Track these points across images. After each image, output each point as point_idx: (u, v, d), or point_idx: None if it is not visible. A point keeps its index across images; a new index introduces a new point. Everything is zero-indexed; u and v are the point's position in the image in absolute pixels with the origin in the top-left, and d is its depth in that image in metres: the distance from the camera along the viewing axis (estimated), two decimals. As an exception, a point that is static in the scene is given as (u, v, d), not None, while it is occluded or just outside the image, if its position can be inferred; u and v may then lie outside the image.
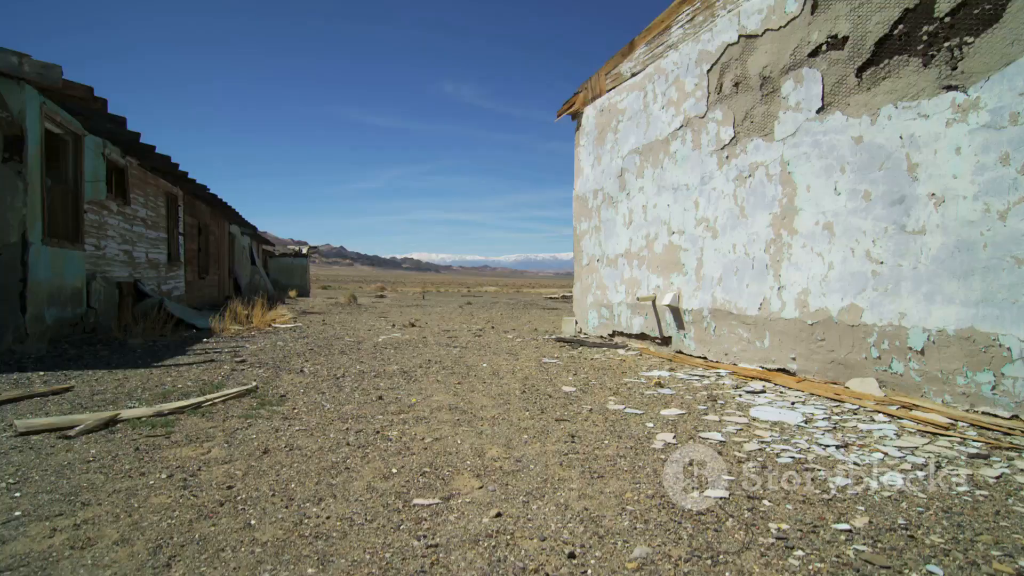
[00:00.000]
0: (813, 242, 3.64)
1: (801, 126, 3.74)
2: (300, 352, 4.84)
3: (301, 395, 3.24)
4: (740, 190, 4.25)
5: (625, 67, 5.81)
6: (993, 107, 2.71)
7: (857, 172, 3.36)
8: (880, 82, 3.24)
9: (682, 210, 4.90)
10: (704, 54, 4.64)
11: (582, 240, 6.70)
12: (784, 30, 3.88)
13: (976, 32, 2.79)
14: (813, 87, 3.65)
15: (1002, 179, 2.67)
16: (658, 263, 5.21)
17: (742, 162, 4.23)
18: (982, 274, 2.74)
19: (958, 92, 2.86)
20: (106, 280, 6.62)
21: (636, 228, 5.58)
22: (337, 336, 6.31)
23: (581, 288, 6.71)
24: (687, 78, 4.84)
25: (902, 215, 3.11)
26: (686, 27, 4.91)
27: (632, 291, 5.62)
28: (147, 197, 8.33)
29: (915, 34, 3.06)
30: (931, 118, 2.98)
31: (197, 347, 5.20)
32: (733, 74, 4.34)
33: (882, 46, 3.23)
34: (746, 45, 4.22)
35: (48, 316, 5.29)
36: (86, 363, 4.25)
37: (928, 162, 2.99)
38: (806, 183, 3.70)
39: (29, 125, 4.98)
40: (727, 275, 4.36)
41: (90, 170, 6.29)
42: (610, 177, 6.06)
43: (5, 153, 4.90)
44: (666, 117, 5.12)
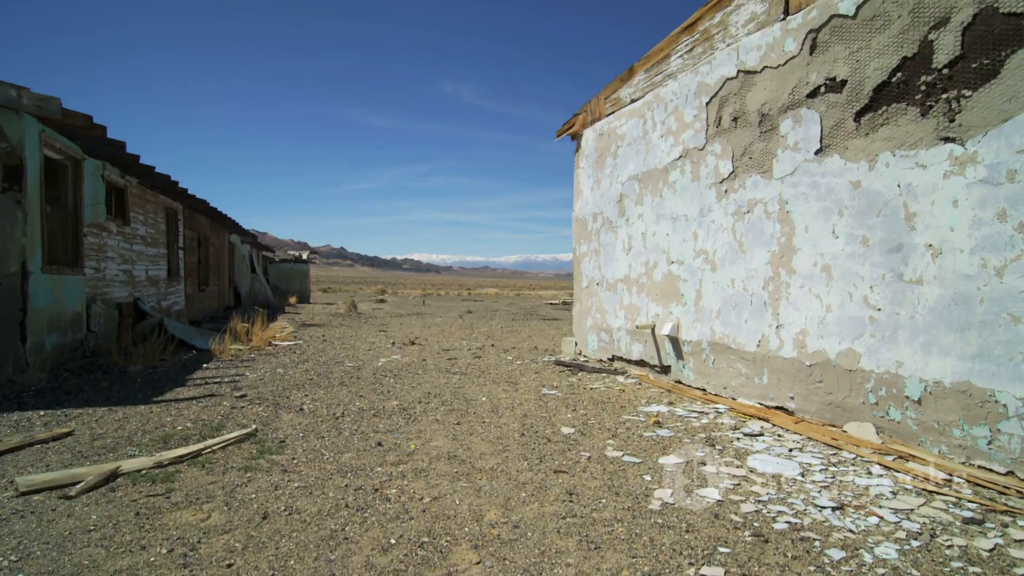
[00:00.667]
0: (811, 283, 3.65)
1: (800, 166, 3.75)
2: (299, 383, 4.85)
3: (300, 440, 3.25)
4: (739, 225, 4.26)
5: (624, 93, 5.82)
6: (990, 163, 2.72)
7: (855, 217, 3.37)
8: (878, 128, 3.25)
9: (681, 240, 4.91)
10: (703, 86, 4.65)
11: (581, 262, 6.71)
12: (783, 68, 3.89)
13: (974, 86, 2.80)
14: (812, 128, 3.66)
15: (999, 235, 2.68)
16: (657, 291, 5.23)
17: (741, 197, 4.24)
18: (979, 329, 2.75)
19: (956, 145, 2.87)
20: (106, 303, 6.63)
21: (635, 255, 5.59)
22: (336, 359, 6.32)
23: (580, 310, 6.72)
24: (686, 109, 4.85)
25: (900, 263, 3.12)
26: (685, 57, 4.92)
27: (631, 317, 5.63)
28: (147, 214, 8.34)
29: (913, 83, 3.07)
30: (929, 168, 2.99)
31: (197, 375, 5.21)
32: (732, 108, 4.35)
33: (880, 92, 3.24)
34: (745, 80, 4.23)
35: (48, 343, 5.30)
36: (86, 397, 4.26)
37: (926, 212, 3.00)
38: (804, 223, 3.71)
39: (28, 154, 4.99)
40: (726, 309, 4.37)
41: (89, 193, 6.30)
42: (609, 202, 6.07)
43: (4, 183, 4.91)
44: (665, 146, 5.13)
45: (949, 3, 2.90)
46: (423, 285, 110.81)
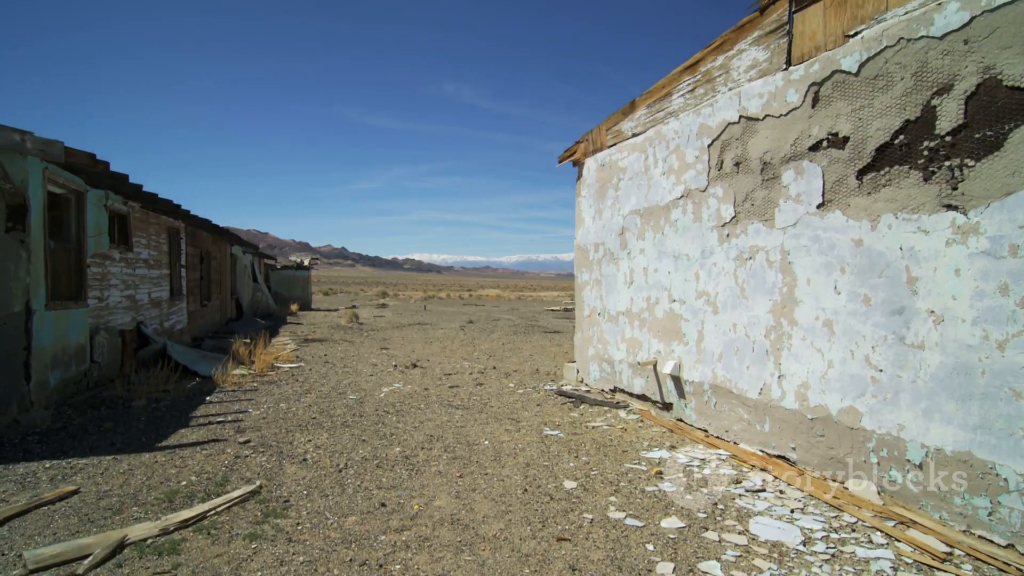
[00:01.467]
0: (813, 337, 3.66)
1: (802, 218, 3.75)
2: (302, 422, 4.86)
3: (304, 499, 3.27)
4: (741, 270, 4.27)
5: (626, 126, 5.82)
6: (993, 235, 2.73)
7: (857, 275, 3.38)
8: (880, 189, 3.26)
9: (683, 280, 4.92)
10: (705, 128, 4.65)
11: (583, 290, 6.72)
12: (785, 119, 3.89)
13: (977, 156, 2.80)
14: (814, 181, 3.67)
15: (1001, 309, 2.69)
16: (659, 328, 5.24)
17: (743, 243, 4.25)
18: (980, 400, 2.76)
19: (958, 213, 2.87)
20: (109, 332, 6.65)
21: (637, 289, 5.60)
22: (339, 389, 6.34)
23: (583, 338, 6.73)
24: (688, 149, 4.85)
25: (902, 326, 3.13)
26: (687, 96, 4.92)
27: (633, 351, 5.65)
28: (149, 237, 8.36)
29: (916, 147, 3.07)
30: (931, 234, 2.99)
31: (199, 411, 5.23)
32: (734, 153, 4.35)
33: (882, 153, 3.25)
34: (747, 126, 4.23)
35: (52, 379, 5.33)
36: (91, 442, 4.28)
37: (928, 278, 3.00)
38: (806, 276, 3.72)
39: (32, 193, 5.01)
40: (728, 353, 4.38)
41: (92, 224, 6.31)
42: (611, 233, 6.07)
43: (8, 223, 4.93)
44: (667, 184, 5.13)
45: (953, 70, 2.90)
46: (424, 286, 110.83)
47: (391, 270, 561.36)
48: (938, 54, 2.96)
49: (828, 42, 3.60)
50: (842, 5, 3.52)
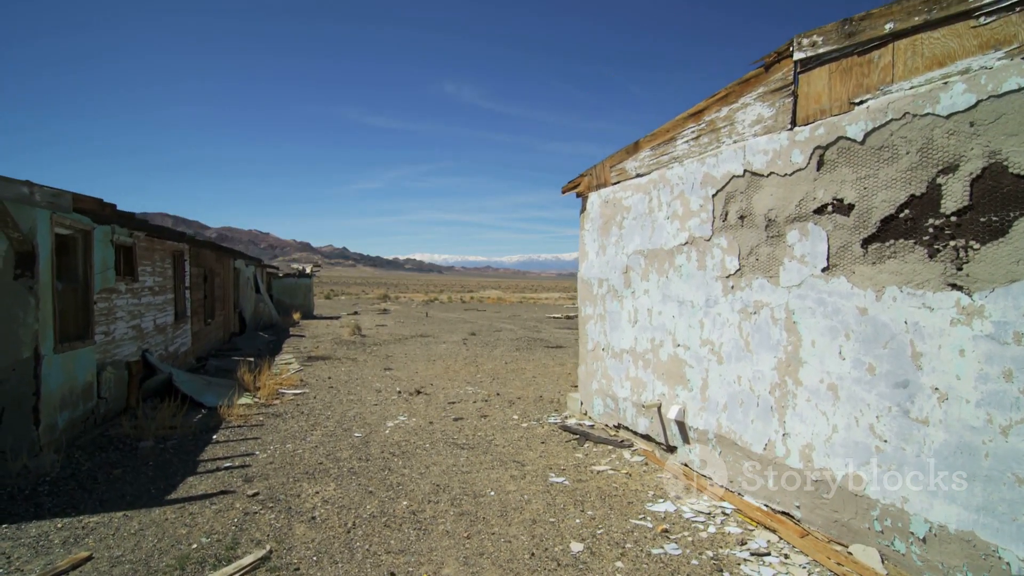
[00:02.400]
0: (818, 399, 3.69)
1: (806, 280, 3.78)
2: (310, 468, 4.89)
3: (315, 567, 3.30)
4: (745, 324, 4.29)
5: (630, 165, 5.84)
6: (997, 320, 2.75)
7: (862, 343, 3.40)
8: (885, 260, 3.28)
9: (687, 326, 4.94)
10: (709, 177, 4.67)
11: (587, 324, 6.75)
12: (790, 178, 3.91)
13: (982, 240, 2.82)
14: (819, 244, 3.69)
15: (1005, 394, 2.71)
16: (663, 371, 5.26)
17: (747, 296, 4.28)
18: (983, 482, 2.79)
19: (963, 294, 2.90)
20: (115, 365, 6.69)
21: (641, 329, 5.63)
22: (344, 425, 6.37)
23: (586, 372, 6.76)
24: (692, 196, 4.87)
25: (906, 399, 3.15)
26: (691, 143, 4.94)
27: (637, 391, 5.68)
28: (154, 264, 8.39)
29: (921, 223, 3.09)
30: (935, 312, 3.02)
31: (207, 454, 5.26)
32: (738, 206, 4.37)
33: (887, 224, 3.27)
34: (752, 181, 4.25)
35: (60, 421, 5.37)
36: (101, 494, 4.32)
37: (932, 354, 3.03)
38: (811, 338, 3.74)
39: (40, 240, 5.04)
40: (732, 404, 4.41)
41: (99, 261, 6.35)
42: (615, 270, 6.10)
43: (17, 269, 4.97)
44: (671, 229, 5.15)
45: (958, 151, 2.92)
46: (425, 287, 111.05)
47: (392, 270, 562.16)
48: (944, 133, 2.98)
49: (833, 107, 3.62)
50: (847, 72, 3.54)
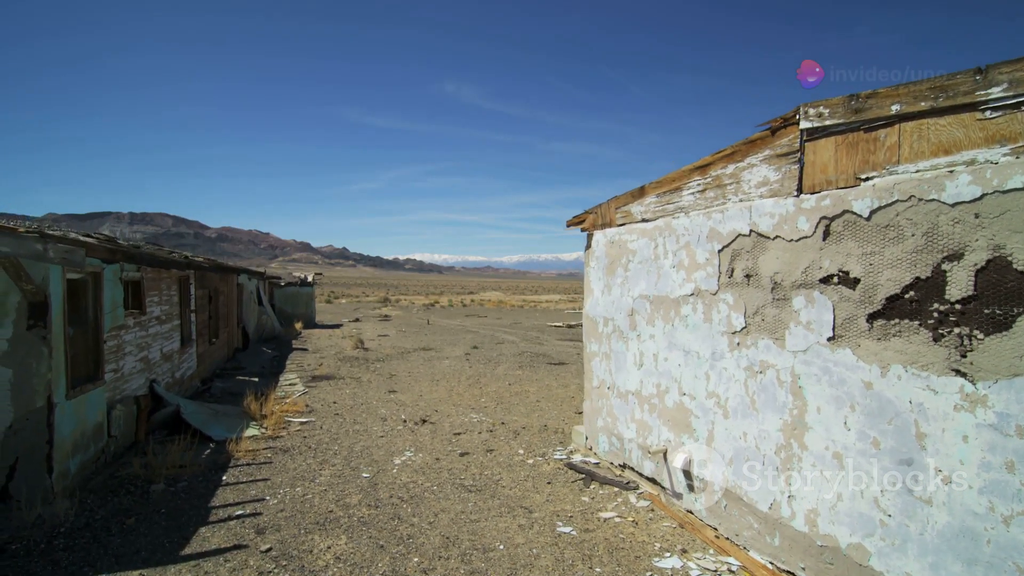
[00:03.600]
0: (823, 466, 3.75)
1: (812, 347, 3.84)
2: (321, 518, 4.95)
3: (330, 636, 3.37)
4: (751, 382, 4.35)
5: (636, 209, 5.90)
6: (1000, 411, 2.81)
7: (867, 416, 3.47)
8: (890, 338, 3.34)
9: (692, 376, 5.00)
10: (715, 233, 4.73)
11: (592, 361, 6.81)
12: (796, 244, 3.97)
13: (986, 331, 2.88)
14: (825, 314, 3.74)
15: (1007, 485, 2.77)
16: (669, 417, 5.33)
17: (753, 355, 4.34)
18: (985, 568, 2.85)
19: (967, 381, 2.96)
20: (124, 402, 6.75)
21: (646, 373, 5.69)
22: (352, 463, 6.43)
23: (591, 408, 6.82)
24: (698, 249, 4.93)
25: (910, 477, 3.22)
26: (697, 196, 5.00)
27: (643, 434, 5.74)
28: (161, 293, 8.45)
29: (926, 306, 3.15)
30: (940, 395, 3.08)
31: (217, 500, 5.32)
32: (744, 264, 4.43)
33: (893, 303, 3.33)
34: (758, 241, 4.31)
35: (72, 466, 5.43)
36: (116, 547, 4.38)
37: (936, 437, 3.09)
38: (816, 404, 3.80)
39: (52, 290, 5.10)
40: (738, 460, 4.47)
41: (108, 300, 6.40)
42: (620, 311, 6.16)
43: (30, 320, 5.02)
44: (676, 278, 5.21)
45: (963, 240, 2.98)
46: (426, 288, 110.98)
47: (392, 270, 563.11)
48: (949, 220, 3.04)
49: (840, 179, 3.68)
50: (854, 146, 3.60)
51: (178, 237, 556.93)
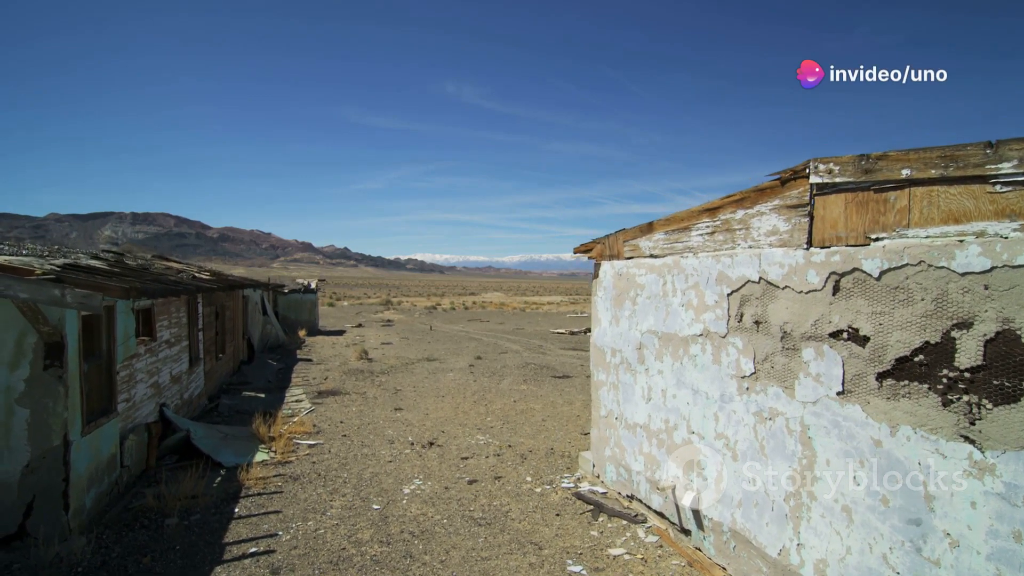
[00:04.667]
0: (832, 517, 3.80)
1: (821, 399, 3.89)
2: (334, 557, 5.00)
3: None
4: (760, 427, 4.41)
5: (644, 244, 5.95)
6: (1008, 481, 2.86)
7: (876, 473, 3.52)
8: (900, 399, 3.39)
9: (701, 416, 5.06)
10: (724, 276, 4.78)
11: (599, 390, 6.87)
12: (805, 296, 4.02)
13: (995, 401, 2.93)
14: (834, 368, 3.80)
15: (1014, 554, 2.83)
16: (678, 454, 5.38)
17: (762, 402, 4.39)
18: (996, 635, 2.91)
19: (975, 448, 3.01)
20: (136, 431, 6.82)
21: (655, 407, 5.75)
22: (363, 494, 6.49)
23: (599, 437, 6.88)
24: (707, 290, 4.98)
25: (919, 538, 3.27)
26: (706, 238, 5.05)
27: (651, 467, 5.80)
28: (170, 316, 8.51)
29: (935, 371, 3.20)
30: (948, 460, 3.13)
31: (231, 536, 5.38)
32: (754, 311, 4.48)
33: (902, 364, 3.38)
34: (767, 289, 4.36)
35: (88, 501, 5.50)
36: (133, 590, 4.46)
37: (944, 500, 3.14)
38: (826, 456, 3.86)
39: (68, 330, 5.16)
40: (747, 504, 4.53)
41: (121, 331, 6.47)
42: (628, 344, 6.21)
43: (46, 360, 5.09)
44: (685, 317, 5.26)
45: (972, 310, 3.03)
46: (427, 288, 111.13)
47: (394, 270, 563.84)
48: (958, 289, 3.09)
49: (849, 236, 3.73)
50: (863, 205, 3.64)
51: (180, 237, 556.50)
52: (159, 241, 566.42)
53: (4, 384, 4.97)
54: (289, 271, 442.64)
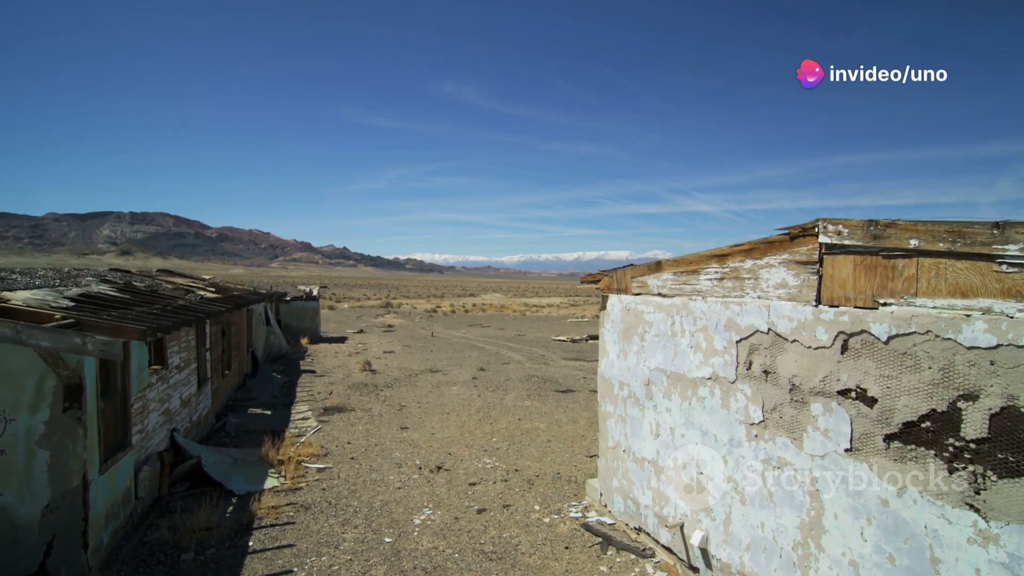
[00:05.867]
0: (840, 570, 3.90)
1: (829, 454, 3.99)
2: (349, 595, 5.12)
3: None
4: (768, 475, 4.51)
5: (652, 282, 6.04)
6: (1012, 552, 2.97)
7: (883, 531, 3.62)
8: (907, 462, 3.49)
9: (710, 456, 5.16)
10: (732, 323, 4.87)
11: (607, 421, 6.96)
12: (814, 352, 4.11)
13: (999, 474, 3.03)
14: (842, 425, 3.90)
15: (1020, 624, 2.93)
16: (686, 491, 5.48)
17: (771, 451, 4.49)
18: None
19: (979, 517, 3.11)
20: (150, 462, 6.90)
21: (663, 444, 5.85)
22: (374, 525, 6.58)
23: (606, 467, 6.98)
24: (716, 335, 5.08)
25: (926, 598, 3.38)
26: (715, 283, 5.14)
27: (659, 503, 5.90)
28: (180, 342, 8.59)
29: (942, 439, 3.30)
30: (954, 525, 3.23)
31: (246, 571, 5.48)
32: (762, 360, 4.58)
33: (909, 429, 3.48)
34: (776, 340, 4.45)
35: (105, 537, 5.59)
36: (154, 633, 4.54)
37: (950, 564, 3.25)
38: (834, 510, 3.96)
39: (87, 372, 5.24)
40: (755, 548, 4.63)
41: (135, 365, 6.55)
42: (637, 379, 6.31)
43: (65, 402, 5.17)
44: (694, 359, 5.36)
45: (978, 384, 3.13)
46: (427, 289, 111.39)
47: (393, 270, 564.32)
48: (964, 362, 3.19)
49: (858, 298, 3.82)
50: (872, 269, 3.74)
51: (178, 237, 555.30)
52: (158, 241, 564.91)
53: (25, 427, 5.06)
54: (288, 271, 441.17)
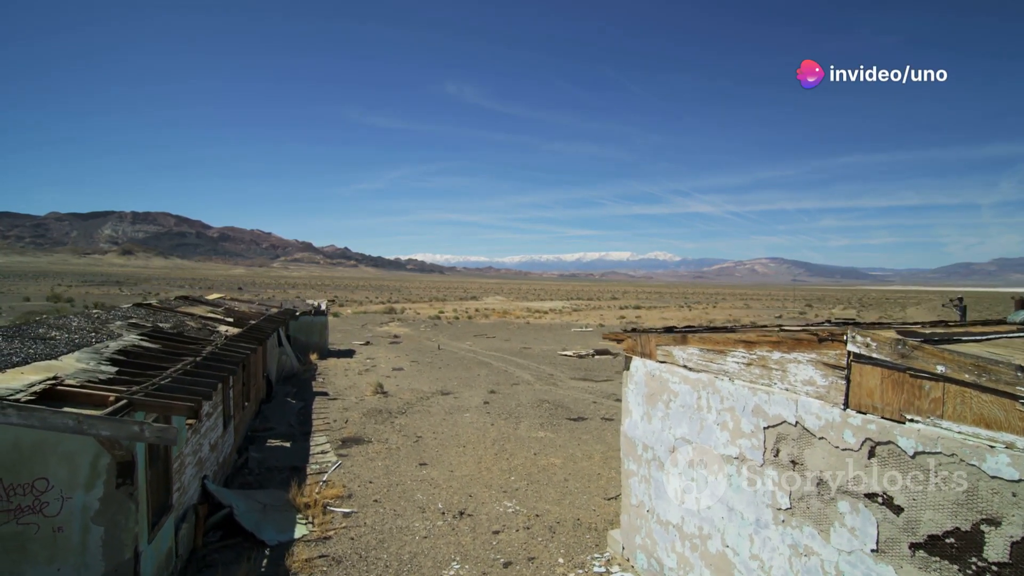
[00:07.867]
0: (866, 663, 4.13)
1: (856, 551, 4.21)
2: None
3: None
4: (796, 561, 4.74)
5: (678, 354, 6.26)
6: (1035, 675, 3.19)
7: (909, 634, 3.85)
8: (931, 572, 3.71)
9: (736, 533, 5.39)
10: (760, 410, 5.09)
11: (630, 479, 7.19)
12: (842, 452, 4.34)
13: (1022, 600, 3.26)
14: (869, 527, 4.12)
15: None
16: (712, 562, 5.71)
17: (798, 537, 4.71)
18: None
19: (1004, 637, 3.34)
20: (187, 518, 7.12)
21: (688, 512, 6.07)
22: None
23: (629, 523, 7.21)
24: (743, 418, 5.30)
25: None
26: (742, 367, 5.36)
27: (684, 568, 6.13)
28: (209, 389, 8.79)
29: (965, 557, 3.53)
30: (979, 640, 3.46)
31: (291, 637, 5.72)
32: (790, 451, 4.80)
33: (934, 542, 3.70)
34: (803, 434, 4.67)
35: (153, 603, 5.80)
36: None
37: (975, 676, 3.47)
38: (860, 605, 4.19)
39: (138, 449, 5.46)
40: (781, 628, 4.86)
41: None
42: (662, 444, 6.53)
43: (118, 479, 5.39)
44: (721, 436, 5.58)
45: (1000, 511, 3.35)
46: (428, 290, 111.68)
47: (394, 271, 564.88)
48: (988, 489, 3.41)
49: (885, 409, 4.04)
50: (899, 384, 3.96)
51: (180, 236, 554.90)
52: (159, 240, 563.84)
53: (80, 504, 5.28)
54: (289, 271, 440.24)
